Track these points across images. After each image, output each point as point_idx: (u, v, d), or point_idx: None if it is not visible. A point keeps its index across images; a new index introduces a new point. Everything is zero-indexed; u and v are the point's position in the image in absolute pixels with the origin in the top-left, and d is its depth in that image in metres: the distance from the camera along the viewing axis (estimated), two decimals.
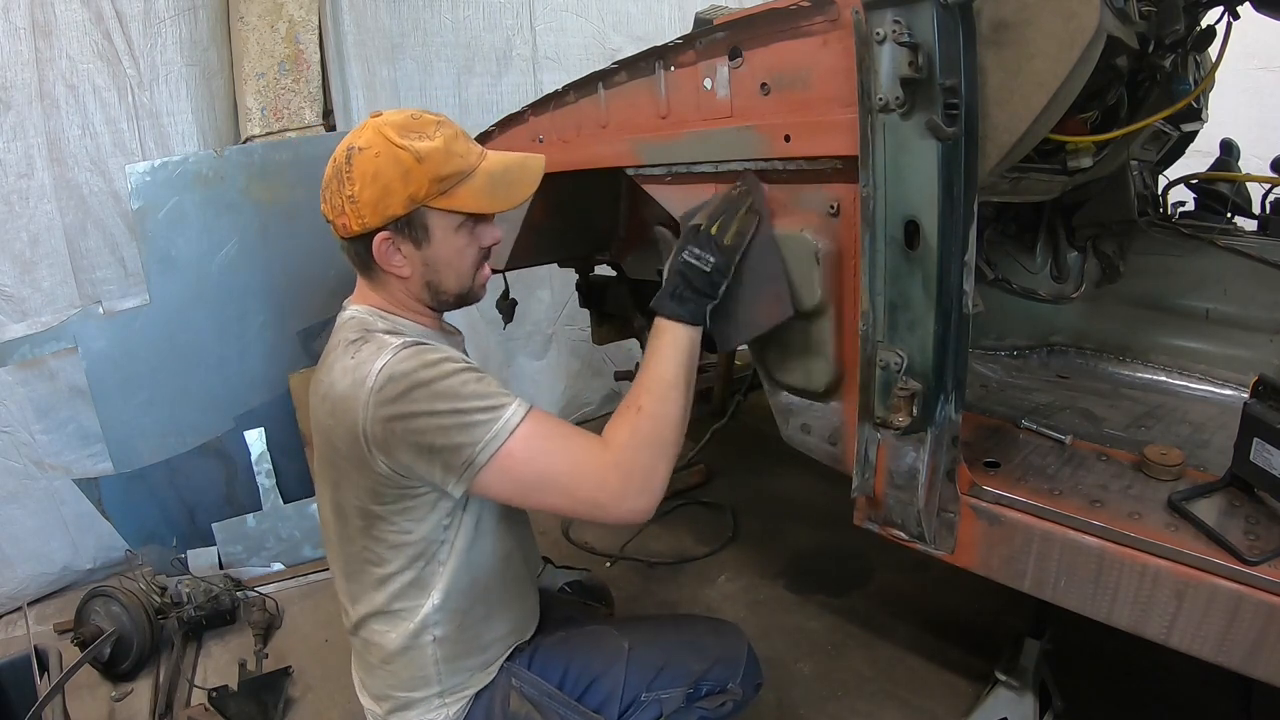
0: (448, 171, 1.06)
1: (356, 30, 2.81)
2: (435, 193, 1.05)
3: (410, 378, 0.99)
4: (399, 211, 1.05)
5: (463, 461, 0.99)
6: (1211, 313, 1.71)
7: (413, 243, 1.09)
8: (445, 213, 1.08)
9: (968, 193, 0.99)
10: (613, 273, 2.43)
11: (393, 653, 1.14)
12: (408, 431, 0.98)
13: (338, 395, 1.02)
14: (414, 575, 1.10)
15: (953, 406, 1.08)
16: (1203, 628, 0.94)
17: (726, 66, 1.22)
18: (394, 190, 1.04)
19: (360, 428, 0.99)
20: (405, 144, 1.03)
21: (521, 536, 1.27)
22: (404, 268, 1.10)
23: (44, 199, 2.40)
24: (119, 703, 2.02)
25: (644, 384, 1.09)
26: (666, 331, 1.12)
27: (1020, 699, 1.55)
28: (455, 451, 0.99)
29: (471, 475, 1.00)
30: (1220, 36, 1.56)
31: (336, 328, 1.14)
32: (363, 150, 1.04)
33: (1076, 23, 0.89)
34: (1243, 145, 2.31)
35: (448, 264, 1.12)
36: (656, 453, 1.05)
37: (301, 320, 2.70)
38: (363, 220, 1.05)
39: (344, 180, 1.05)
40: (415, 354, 1.01)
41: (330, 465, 1.08)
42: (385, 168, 1.03)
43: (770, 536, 2.60)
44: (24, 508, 2.45)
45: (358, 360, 1.02)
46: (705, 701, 1.24)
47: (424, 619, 1.12)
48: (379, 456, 1.01)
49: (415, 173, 1.03)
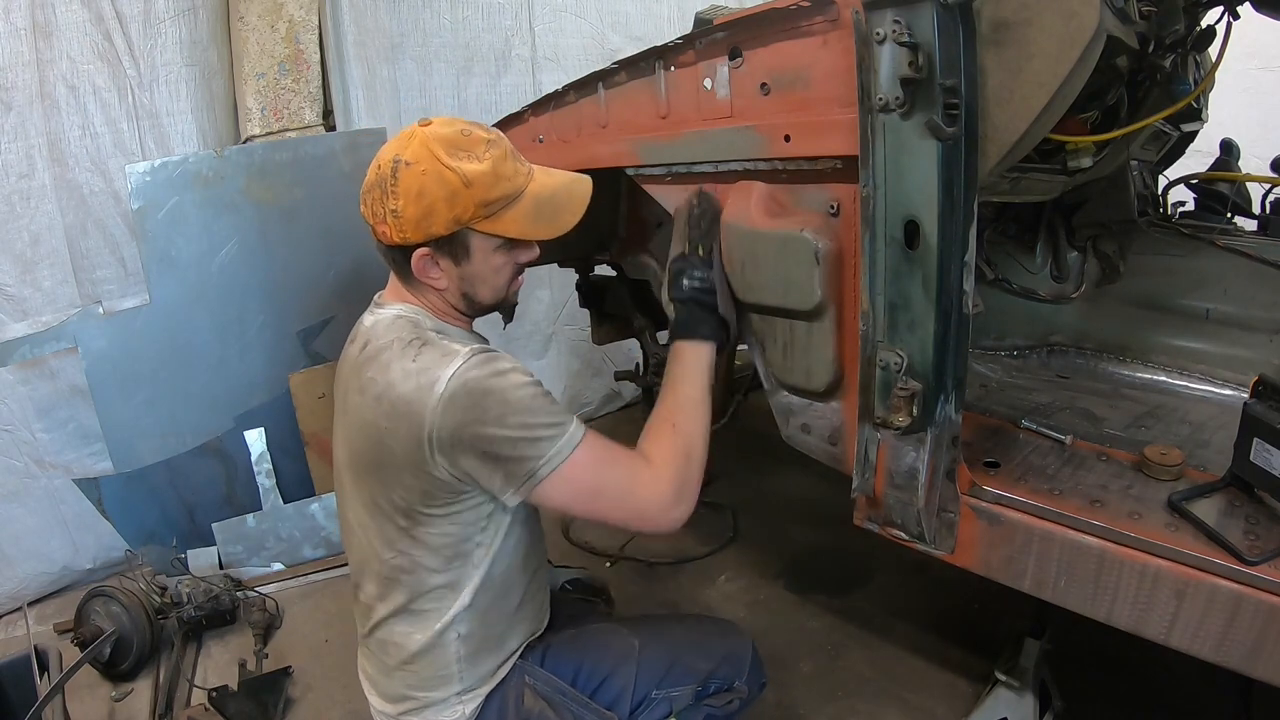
0: (495, 196, 1.06)
1: (356, 30, 2.81)
2: (480, 216, 1.06)
3: (482, 386, 1.00)
4: (441, 232, 1.05)
5: (525, 473, 1.02)
6: (1211, 313, 1.71)
7: (451, 259, 1.10)
8: (488, 235, 1.09)
9: (968, 193, 0.99)
10: (613, 273, 2.43)
11: (415, 653, 1.14)
12: (476, 439, 1.00)
13: (399, 397, 1.01)
14: (449, 577, 1.12)
15: (953, 406, 1.08)
16: (1203, 628, 0.94)
17: (726, 66, 1.22)
18: (438, 211, 1.03)
19: (427, 432, 1.00)
20: (454, 165, 1.02)
21: (537, 533, 1.28)
22: (440, 280, 1.11)
23: (44, 199, 2.39)
24: (119, 703, 2.02)
25: (676, 403, 1.18)
26: (689, 352, 1.23)
27: (1020, 699, 1.55)
28: (519, 463, 1.02)
29: (531, 487, 1.04)
30: (1220, 36, 1.56)
31: (381, 325, 1.12)
32: (410, 165, 1.03)
33: (1076, 23, 0.89)
34: (1243, 145, 2.32)
35: (484, 280, 1.13)
36: (694, 465, 1.14)
37: (301, 320, 2.70)
38: (404, 235, 1.06)
39: (388, 193, 1.04)
40: (485, 362, 1.02)
41: (376, 466, 1.07)
42: (431, 187, 1.02)
43: (770, 536, 2.60)
44: (24, 507, 2.45)
45: (421, 364, 1.02)
46: (713, 699, 1.26)
47: (451, 618, 1.13)
48: (441, 462, 1.02)
49: (462, 196, 1.03)
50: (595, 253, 2.36)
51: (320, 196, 2.61)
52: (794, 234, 1.17)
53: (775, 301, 1.25)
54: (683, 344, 1.24)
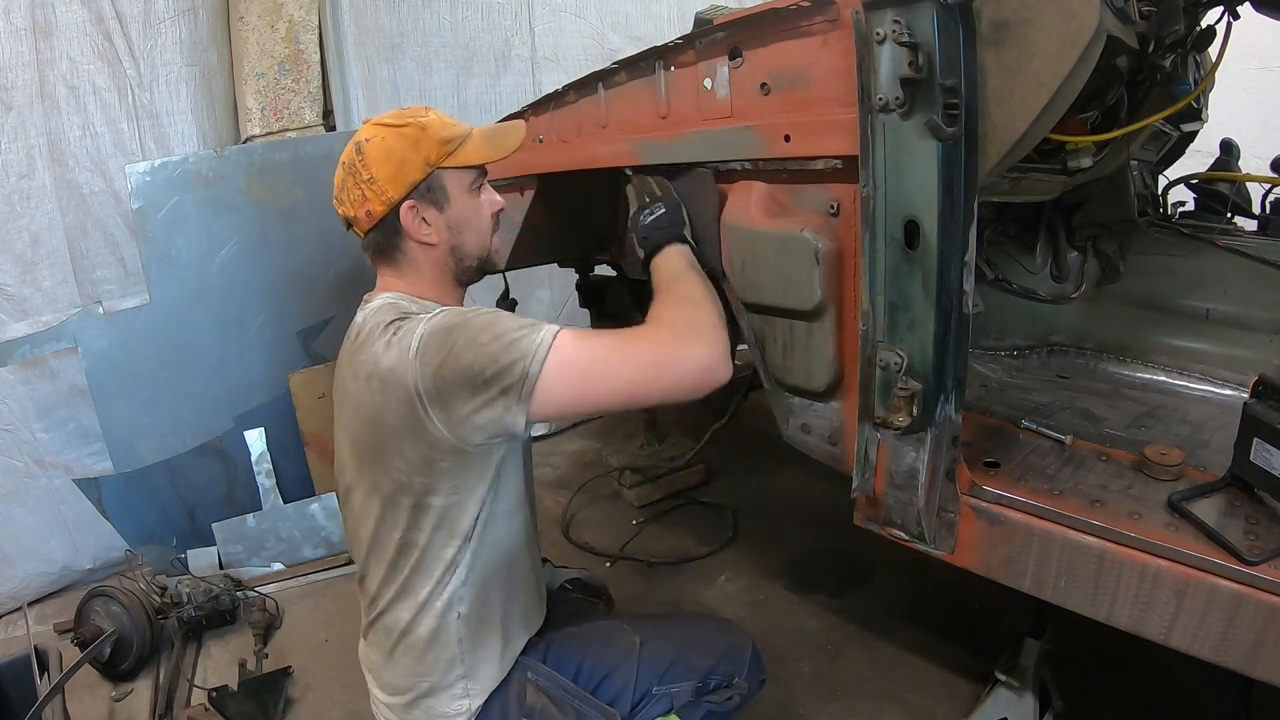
0: (449, 135, 1.16)
1: (356, 30, 2.82)
2: (444, 154, 1.15)
3: (447, 325, 1.04)
4: (418, 176, 1.14)
5: (519, 376, 0.99)
6: (1211, 313, 1.71)
7: (435, 207, 1.17)
8: (458, 171, 1.17)
9: (968, 193, 0.99)
10: (613, 273, 2.43)
11: (418, 634, 1.15)
12: (457, 372, 1.00)
13: (384, 369, 1.05)
14: (449, 554, 1.13)
15: (953, 406, 1.08)
16: (1203, 628, 0.94)
17: (726, 66, 1.22)
18: (409, 159, 1.13)
19: (413, 389, 1.02)
20: (406, 122, 1.15)
21: (530, 522, 1.29)
22: (431, 234, 1.17)
23: (45, 199, 2.40)
24: (119, 703, 2.02)
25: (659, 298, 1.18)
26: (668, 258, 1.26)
27: (1020, 699, 1.55)
28: (508, 370, 0.99)
29: (531, 387, 0.99)
30: (1220, 36, 1.56)
31: (367, 315, 1.15)
32: (369, 140, 1.15)
33: (1076, 23, 0.89)
34: (1243, 145, 2.31)
35: (468, 223, 1.20)
36: (696, 309, 1.12)
37: (301, 320, 2.71)
38: (386, 196, 1.14)
39: (358, 170, 1.15)
40: (449, 312, 1.08)
41: (375, 446, 1.09)
42: (394, 144, 1.13)
43: (770, 536, 2.60)
44: (24, 506, 2.46)
45: (400, 334, 1.06)
46: (713, 696, 1.27)
47: (450, 596, 1.14)
48: (435, 414, 1.02)
49: (423, 140, 1.14)
50: (595, 253, 2.36)
51: (320, 196, 2.58)
52: (794, 234, 1.17)
53: (775, 301, 1.25)
54: (656, 258, 1.27)
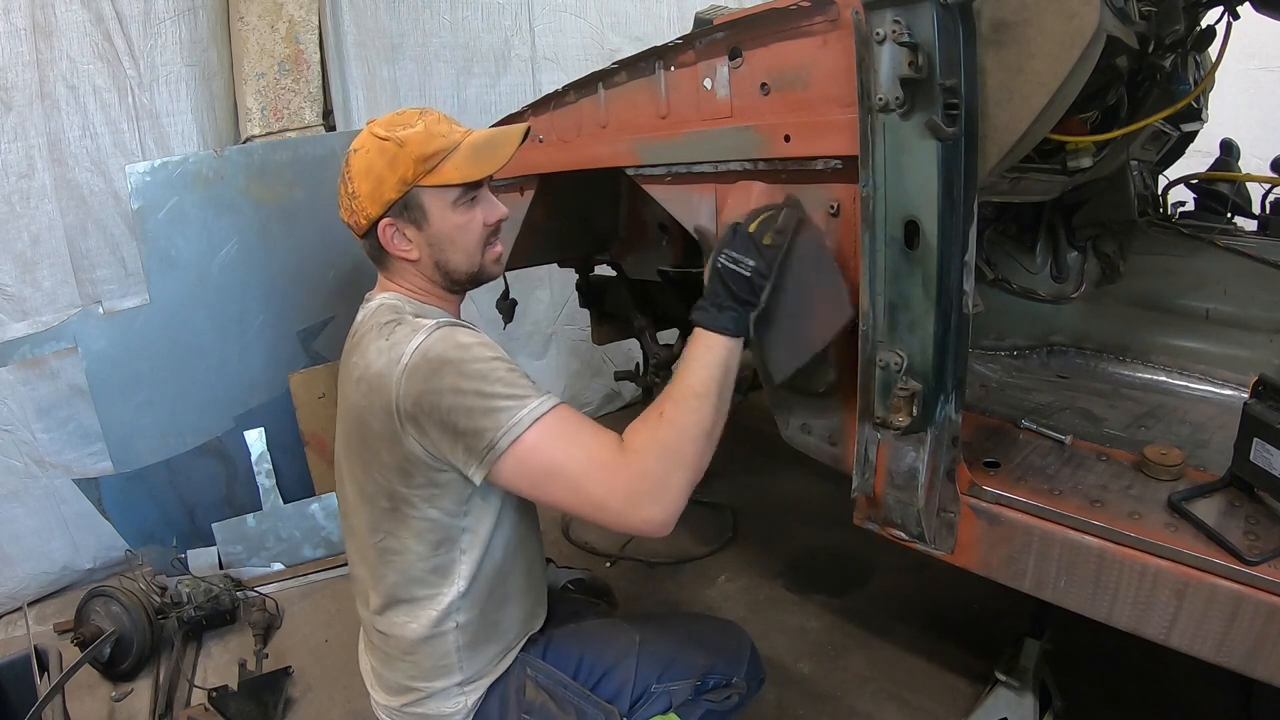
0: (431, 150, 1.11)
1: (356, 30, 2.81)
2: (422, 172, 1.11)
3: (442, 356, 1.01)
4: (393, 196, 1.11)
5: (484, 446, 0.99)
6: (1211, 313, 1.71)
7: (413, 225, 1.14)
8: (437, 190, 1.12)
9: (968, 193, 0.99)
10: (613, 273, 2.43)
11: (415, 642, 1.15)
12: (435, 409, 1.00)
13: (373, 374, 1.05)
14: (438, 562, 1.11)
15: (953, 406, 1.08)
16: (1203, 628, 0.94)
17: (726, 66, 1.22)
18: (385, 178, 1.11)
19: (394, 403, 1.02)
20: (389, 135, 1.11)
21: (532, 524, 1.29)
22: (411, 251, 1.15)
23: (45, 199, 2.40)
24: (119, 703, 2.02)
25: (671, 392, 1.06)
26: (701, 340, 1.08)
27: (1020, 699, 1.55)
28: (478, 435, 0.99)
29: (492, 461, 0.99)
30: (1220, 36, 1.56)
31: (366, 315, 1.17)
32: (356, 151, 1.14)
33: (1076, 23, 0.89)
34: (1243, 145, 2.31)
35: (451, 241, 1.15)
36: (672, 462, 1.00)
37: (301, 320, 2.70)
38: (366, 213, 1.13)
39: (346, 181, 1.15)
40: (448, 334, 1.04)
41: (362, 446, 1.10)
42: (374, 160, 1.11)
43: (770, 536, 2.60)
44: (25, 506, 2.46)
45: (392, 341, 1.05)
46: (711, 694, 1.27)
47: (448, 606, 1.13)
48: (410, 432, 1.02)
49: (400, 157, 1.10)
50: (595, 253, 2.36)
51: (320, 196, 2.61)
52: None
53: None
54: (698, 330, 1.10)
